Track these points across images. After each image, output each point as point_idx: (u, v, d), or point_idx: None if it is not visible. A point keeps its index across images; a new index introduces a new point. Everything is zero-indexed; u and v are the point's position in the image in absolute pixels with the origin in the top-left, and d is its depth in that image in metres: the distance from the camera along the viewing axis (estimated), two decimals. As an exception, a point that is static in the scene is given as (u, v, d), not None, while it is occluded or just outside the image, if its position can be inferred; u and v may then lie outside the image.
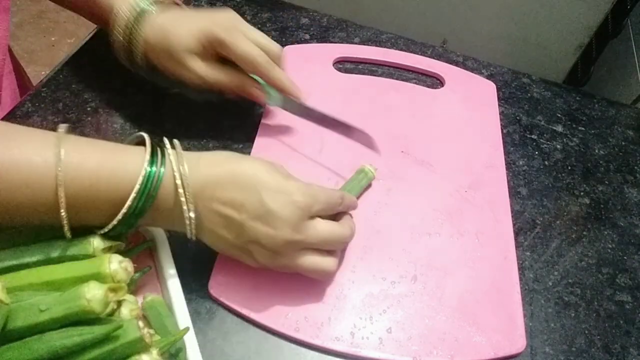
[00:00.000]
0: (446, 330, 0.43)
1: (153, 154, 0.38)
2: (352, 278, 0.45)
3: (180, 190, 0.37)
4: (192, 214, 0.38)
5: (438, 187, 0.53)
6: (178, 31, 0.47)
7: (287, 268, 0.41)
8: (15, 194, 0.34)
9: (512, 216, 0.52)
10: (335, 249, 0.42)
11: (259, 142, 0.53)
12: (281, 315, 0.42)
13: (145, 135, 0.39)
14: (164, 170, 0.37)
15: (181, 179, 0.37)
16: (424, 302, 0.45)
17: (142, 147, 0.38)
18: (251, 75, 0.50)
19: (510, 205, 0.53)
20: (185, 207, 0.37)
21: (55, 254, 0.36)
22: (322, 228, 0.40)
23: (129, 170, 0.36)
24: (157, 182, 0.37)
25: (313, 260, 0.41)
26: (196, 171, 0.38)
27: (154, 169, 0.37)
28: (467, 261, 0.48)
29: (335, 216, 0.43)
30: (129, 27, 0.48)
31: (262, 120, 0.55)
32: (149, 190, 0.36)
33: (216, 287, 0.43)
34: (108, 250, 0.37)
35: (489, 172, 0.55)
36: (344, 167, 0.52)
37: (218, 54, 0.49)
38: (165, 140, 0.40)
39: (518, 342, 0.43)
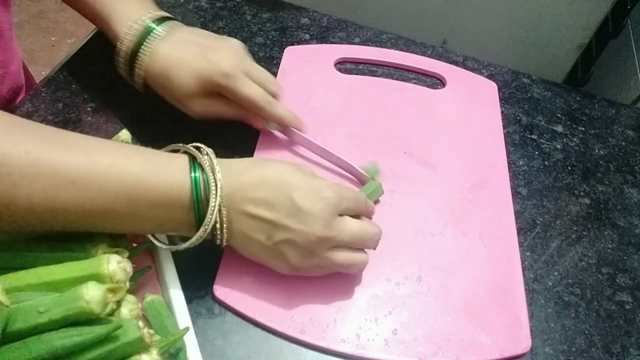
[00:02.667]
0: (451, 331, 0.43)
1: (192, 161, 0.38)
2: (357, 279, 0.45)
3: (214, 196, 0.37)
4: (224, 223, 0.38)
5: (441, 187, 0.53)
6: (179, 74, 0.47)
7: (318, 269, 0.41)
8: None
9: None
10: (365, 247, 0.43)
11: (262, 143, 0.53)
12: (286, 317, 0.42)
13: (181, 145, 0.40)
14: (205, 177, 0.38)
15: (217, 187, 0.37)
16: (429, 303, 0.45)
17: (179, 155, 0.39)
18: None
19: (511, 205, 0.53)
20: (216, 212, 0.37)
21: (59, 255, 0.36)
22: (353, 225, 0.41)
23: (176, 177, 0.37)
24: (206, 187, 0.37)
25: (346, 255, 0.41)
26: (228, 177, 0.38)
27: (197, 174, 0.37)
28: (471, 262, 0.48)
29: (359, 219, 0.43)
30: (130, 53, 0.48)
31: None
32: (200, 196, 0.37)
33: (221, 289, 0.43)
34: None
35: (492, 173, 0.55)
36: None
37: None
38: (201, 147, 0.40)
39: (523, 342, 0.43)
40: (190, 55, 0.47)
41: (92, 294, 0.31)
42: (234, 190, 0.38)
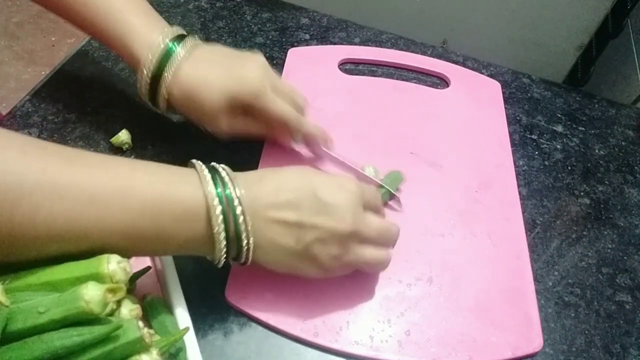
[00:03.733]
0: (464, 331, 0.43)
1: (212, 173, 0.37)
2: (369, 281, 0.45)
3: (239, 206, 0.36)
4: (251, 237, 0.37)
5: (448, 188, 0.53)
6: (206, 93, 0.45)
7: (345, 268, 0.41)
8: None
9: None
10: (388, 244, 0.43)
11: (267, 154, 0.53)
12: (299, 320, 0.42)
13: (195, 162, 0.39)
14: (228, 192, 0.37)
15: (240, 201, 0.36)
16: (441, 304, 0.45)
17: (196, 169, 0.38)
18: None
19: (511, 205, 0.53)
20: (243, 227, 0.36)
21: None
22: (378, 221, 0.41)
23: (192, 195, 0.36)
24: (228, 199, 0.36)
25: (374, 252, 0.41)
26: (247, 188, 0.37)
27: (219, 187, 0.36)
28: (481, 261, 0.48)
29: None
30: (152, 76, 0.46)
31: None
32: (224, 208, 0.36)
33: (233, 294, 0.43)
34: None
35: (498, 172, 0.55)
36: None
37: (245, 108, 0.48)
38: (217, 166, 0.39)
39: (535, 342, 0.43)
40: (216, 75, 0.46)
41: (91, 294, 0.31)
42: (254, 199, 0.37)
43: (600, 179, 0.58)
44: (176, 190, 0.36)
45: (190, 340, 0.38)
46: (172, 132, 0.54)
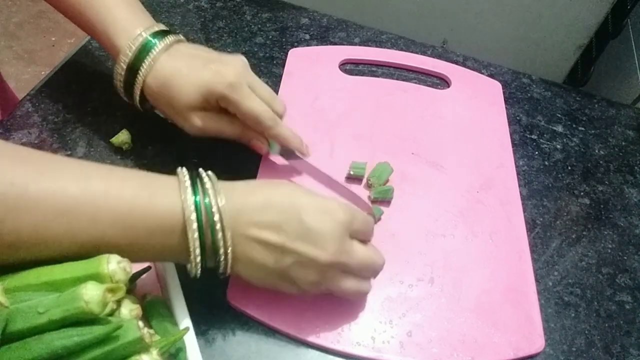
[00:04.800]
0: (465, 331, 0.43)
1: (193, 184, 0.36)
2: (370, 282, 0.45)
3: (218, 220, 0.35)
4: (229, 248, 0.36)
5: (450, 188, 0.53)
6: (180, 84, 0.45)
7: (327, 292, 0.40)
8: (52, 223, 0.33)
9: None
10: (371, 276, 0.42)
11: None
12: (301, 321, 0.42)
13: (179, 169, 0.38)
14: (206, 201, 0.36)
15: (219, 211, 0.35)
16: (443, 304, 0.45)
17: (177, 178, 0.37)
18: None
19: (511, 205, 0.53)
20: (220, 238, 0.35)
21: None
22: (363, 251, 0.39)
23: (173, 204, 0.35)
24: (207, 211, 0.35)
25: (353, 283, 0.40)
26: (231, 200, 0.36)
27: (198, 197, 0.35)
28: (483, 262, 0.48)
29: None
30: (128, 68, 0.46)
31: None
32: (201, 220, 0.35)
33: (235, 296, 0.43)
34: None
35: (499, 172, 0.55)
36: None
37: (220, 106, 0.47)
38: (201, 171, 0.38)
39: (537, 342, 0.43)
40: (192, 67, 0.45)
41: (91, 294, 0.31)
42: (238, 213, 0.36)
43: (600, 179, 0.58)
44: (152, 203, 0.35)
45: (190, 340, 0.38)
46: (172, 132, 0.54)
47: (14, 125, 0.52)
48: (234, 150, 0.53)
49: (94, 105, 0.55)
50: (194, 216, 0.35)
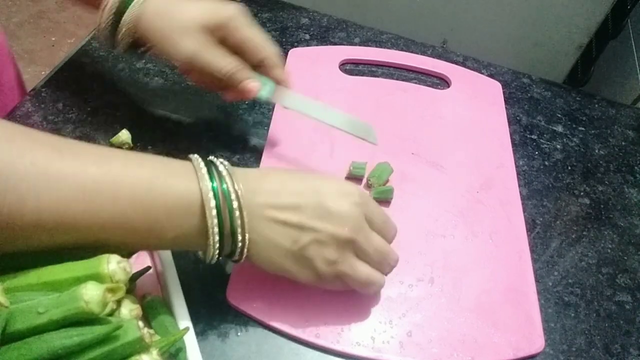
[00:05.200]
0: (465, 332, 0.43)
1: (208, 166, 0.36)
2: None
3: (235, 200, 0.35)
4: (246, 231, 0.36)
5: (450, 188, 0.53)
6: (180, 10, 0.45)
7: (339, 281, 0.40)
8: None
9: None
10: (384, 267, 0.41)
11: (269, 148, 0.53)
12: (301, 321, 0.42)
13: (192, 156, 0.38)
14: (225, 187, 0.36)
15: (237, 196, 0.35)
16: (442, 304, 0.45)
17: (192, 162, 0.37)
18: None
19: (511, 205, 0.53)
20: (238, 222, 0.36)
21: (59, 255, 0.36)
22: (379, 240, 0.40)
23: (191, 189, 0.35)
24: (224, 192, 0.35)
25: (368, 270, 0.40)
26: (246, 183, 0.37)
27: (214, 179, 0.36)
28: (483, 262, 0.48)
29: None
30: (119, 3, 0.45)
31: (271, 126, 0.55)
32: (219, 200, 0.35)
33: (235, 296, 0.43)
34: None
35: (499, 172, 0.55)
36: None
37: (218, 39, 0.46)
38: (215, 159, 0.38)
39: (537, 342, 0.43)
40: (193, 1, 0.45)
41: (91, 294, 0.31)
42: (255, 196, 0.37)
43: (600, 179, 0.58)
44: (170, 183, 0.35)
45: (190, 340, 0.38)
46: (172, 132, 0.54)
47: (14, 125, 0.52)
48: (234, 151, 0.53)
49: (94, 105, 0.55)
50: (213, 203, 0.35)
